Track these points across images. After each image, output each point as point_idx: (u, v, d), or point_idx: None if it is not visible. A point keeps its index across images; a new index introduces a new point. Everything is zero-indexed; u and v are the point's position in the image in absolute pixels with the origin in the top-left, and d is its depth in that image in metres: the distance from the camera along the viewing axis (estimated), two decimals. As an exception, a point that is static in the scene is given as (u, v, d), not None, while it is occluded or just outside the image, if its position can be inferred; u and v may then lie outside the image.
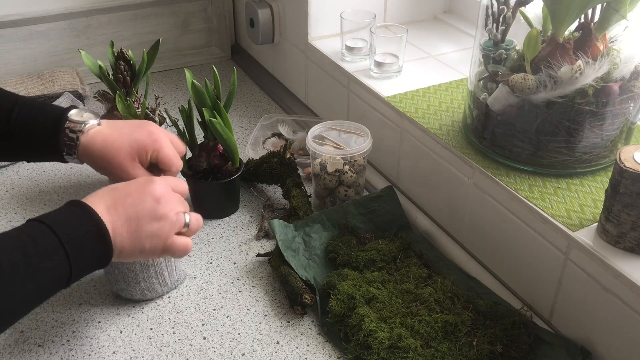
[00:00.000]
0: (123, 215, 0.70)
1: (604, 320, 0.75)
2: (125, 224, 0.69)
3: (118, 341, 0.83)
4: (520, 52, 0.86)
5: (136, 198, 0.71)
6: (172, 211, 0.73)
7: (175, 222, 0.73)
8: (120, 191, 0.71)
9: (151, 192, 0.72)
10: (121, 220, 0.69)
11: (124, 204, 0.70)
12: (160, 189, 0.73)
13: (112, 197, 0.70)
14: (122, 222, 0.69)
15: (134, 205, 0.70)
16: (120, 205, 0.70)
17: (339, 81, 1.21)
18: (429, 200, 1.04)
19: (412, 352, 0.77)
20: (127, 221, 0.70)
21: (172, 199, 0.74)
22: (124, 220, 0.69)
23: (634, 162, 0.71)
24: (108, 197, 0.70)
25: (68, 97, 1.34)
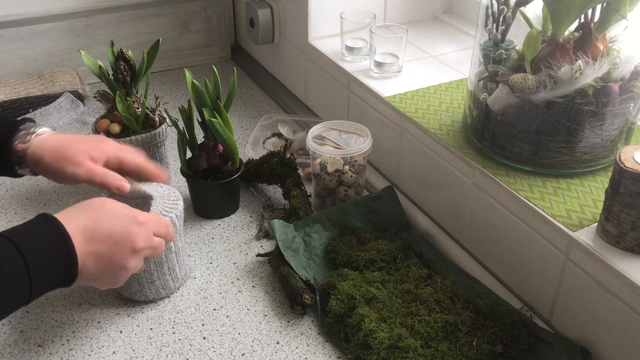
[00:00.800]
0: (99, 254, 0.69)
1: (604, 320, 0.75)
2: (96, 263, 0.70)
3: (118, 341, 0.83)
4: (520, 52, 0.86)
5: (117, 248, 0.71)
6: (142, 259, 0.75)
7: (140, 264, 0.75)
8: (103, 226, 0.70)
9: (132, 245, 0.72)
10: (94, 257, 0.69)
11: (101, 244, 0.70)
12: (144, 240, 0.73)
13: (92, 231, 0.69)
14: (94, 259, 0.69)
15: (111, 253, 0.70)
16: (97, 242, 0.69)
17: (339, 81, 1.21)
18: (429, 200, 1.04)
19: (412, 352, 0.77)
20: (99, 261, 0.70)
21: (148, 248, 0.74)
22: (95, 259, 0.69)
23: (634, 162, 0.71)
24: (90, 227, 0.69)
25: (68, 97, 1.34)
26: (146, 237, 0.74)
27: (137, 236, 0.73)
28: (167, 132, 1.07)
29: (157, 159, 1.07)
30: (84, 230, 0.69)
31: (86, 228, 0.69)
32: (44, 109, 1.31)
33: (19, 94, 1.35)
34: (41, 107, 1.31)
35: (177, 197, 0.87)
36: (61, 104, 1.32)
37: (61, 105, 1.32)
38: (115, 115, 1.04)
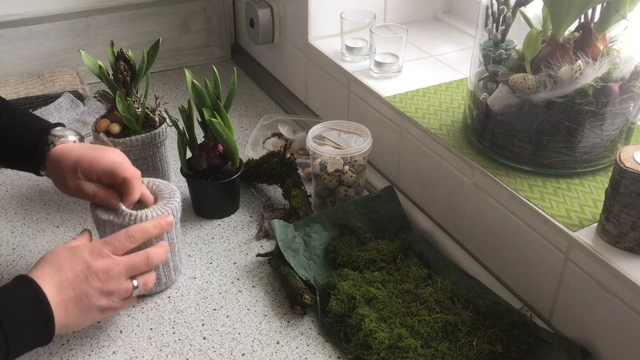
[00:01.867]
0: (74, 297, 0.72)
1: (604, 320, 0.75)
2: (77, 305, 0.73)
3: (118, 341, 0.83)
4: (520, 52, 0.86)
5: (83, 277, 0.73)
6: (120, 283, 0.76)
7: (124, 293, 0.77)
8: (66, 270, 0.73)
9: (96, 270, 0.74)
10: (72, 301, 0.72)
11: (72, 284, 0.72)
12: (105, 264, 0.75)
13: (60, 278, 0.72)
14: (73, 303, 0.72)
15: (82, 285, 0.73)
16: (68, 285, 0.72)
17: (339, 81, 1.21)
18: (429, 200, 1.04)
19: (412, 352, 0.77)
20: (78, 301, 0.73)
21: (118, 271, 0.75)
22: (75, 301, 0.72)
23: (634, 162, 0.71)
24: (56, 278, 0.72)
25: (68, 97, 1.34)
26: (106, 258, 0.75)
27: (98, 263, 0.74)
28: (167, 132, 1.07)
29: (157, 159, 1.07)
30: (54, 282, 0.71)
31: (55, 280, 0.72)
32: (44, 109, 1.31)
33: (19, 94, 1.35)
34: (41, 107, 1.31)
35: (173, 191, 0.88)
36: (61, 104, 1.32)
37: (61, 105, 1.32)
38: (115, 115, 1.04)
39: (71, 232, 1.02)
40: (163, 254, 0.81)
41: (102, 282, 0.74)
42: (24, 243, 0.99)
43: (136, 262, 0.78)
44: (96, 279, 0.74)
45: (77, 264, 0.73)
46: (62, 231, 1.02)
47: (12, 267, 0.95)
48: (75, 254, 0.74)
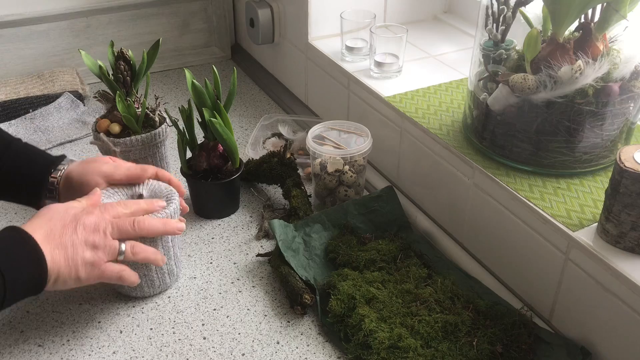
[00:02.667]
0: (60, 243, 0.74)
1: (604, 320, 0.75)
2: (62, 252, 0.74)
3: (118, 341, 0.83)
4: (520, 52, 0.86)
5: (71, 228, 0.75)
6: (106, 240, 0.77)
7: (109, 251, 0.77)
8: (56, 221, 0.75)
9: (84, 222, 0.76)
10: (58, 248, 0.74)
11: (60, 233, 0.75)
12: (94, 219, 0.77)
13: (49, 227, 0.74)
14: (59, 250, 0.74)
15: (69, 234, 0.75)
16: (57, 234, 0.74)
17: (339, 81, 1.21)
18: (429, 200, 1.04)
19: (412, 352, 0.77)
20: (64, 249, 0.74)
21: (104, 226, 0.77)
22: (60, 248, 0.74)
23: (634, 162, 0.71)
24: (45, 227, 0.74)
25: (68, 97, 1.34)
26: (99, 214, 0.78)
27: (88, 216, 0.77)
28: (167, 132, 1.07)
29: (157, 159, 1.07)
30: (43, 231, 0.74)
31: (45, 229, 0.74)
32: (44, 109, 1.31)
33: (19, 94, 1.35)
34: (41, 107, 1.31)
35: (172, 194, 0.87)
36: (61, 104, 1.33)
37: (61, 105, 1.32)
38: (115, 115, 1.04)
39: (71, 232, 1.02)
40: (160, 225, 0.82)
41: (88, 233, 0.76)
42: (24, 243, 0.99)
43: (123, 224, 0.79)
44: (82, 229, 0.76)
45: (67, 216, 0.76)
46: (62, 231, 1.02)
47: (12, 267, 0.95)
48: (68, 208, 0.78)
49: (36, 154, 0.91)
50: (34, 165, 0.89)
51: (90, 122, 1.30)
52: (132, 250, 0.79)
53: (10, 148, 0.89)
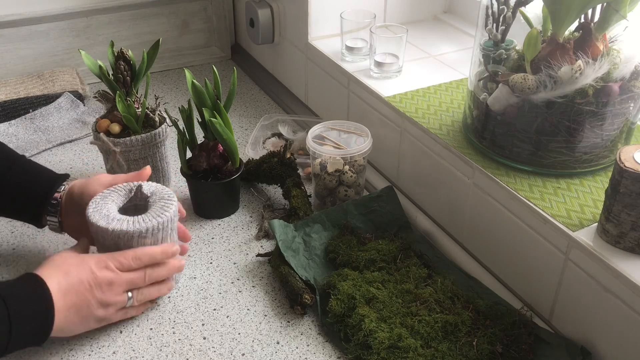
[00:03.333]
0: (75, 303, 0.76)
1: (604, 320, 0.75)
2: (77, 312, 0.77)
3: (118, 341, 0.83)
4: (520, 52, 0.86)
5: (87, 285, 0.77)
6: (118, 296, 0.80)
7: (119, 305, 0.81)
8: (73, 276, 0.76)
9: (100, 282, 0.78)
10: (74, 308, 0.76)
11: (76, 291, 0.76)
12: (109, 277, 0.79)
13: (67, 282, 0.76)
14: (74, 309, 0.76)
15: (84, 293, 0.77)
16: (73, 291, 0.76)
17: (339, 81, 1.21)
18: (429, 200, 1.04)
19: (412, 352, 0.77)
20: (78, 309, 0.77)
21: (119, 285, 0.80)
22: (75, 308, 0.76)
23: (634, 162, 0.71)
24: (63, 282, 0.75)
25: (68, 97, 1.34)
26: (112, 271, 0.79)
27: (104, 274, 0.78)
28: (167, 132, 1.07)
29: (157, 159, 1.07)
30: (61, 287, 0.75)
31: (62, 284, 0.75)
32: (44, 109, 1.31)
33: (19, 94, 1.35)
34: (41, 107, 1.31)
35: (169, 196, 0.87)
36: (61, 104, 1.32)
37: (61, 105, 1.32)
38: (115, 115, 1.04)
39: (71, 232, 1.02)
40: (165, 273, 0.85)
41: (104, 293, 0.78)
42: (24, 243, 0.99)
43: (135, 279, 0.82)
44: (99, 289, 0.78)
45: (84, 271, 0.77)
46: (62, 231, 1.02)
47: (12, 267, 0.95)
48: (83, 262, 0.78)
49: (40, 171, 0.92)
50: (38, 182, 0.90)
51: (90, 122, 1.30)
52: (137, 298, 0.83)
53: (15, 165, 0.90)
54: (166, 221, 0.83)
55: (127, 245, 0.81)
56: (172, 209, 0.85)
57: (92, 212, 0.82)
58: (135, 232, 0.81)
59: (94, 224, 0.81)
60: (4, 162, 0.90)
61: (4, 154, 0.92)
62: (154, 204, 0.85)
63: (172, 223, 0.85)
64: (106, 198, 0.85)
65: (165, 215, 0.83)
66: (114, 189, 0.87)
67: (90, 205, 0.84)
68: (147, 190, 0.87)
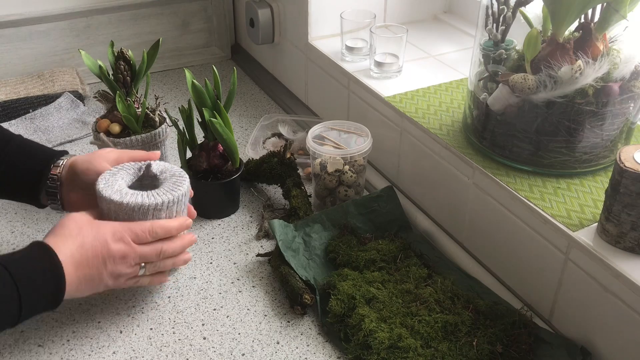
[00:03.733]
0: (88, 275, 0.76)
1: (604, 320, 0.75)
2: (89, 283, 0.77)
3: (118, 341, 0.83)
4: (520, 52, 0.86)
5: (101, 259, 0.77)
6: (130, 268, 0.80)
7: (131, 275, 0.81)
8: (87, 249, 0.76)
9: (113, 254, 0.78)
10: (86, 279, 0.76)
11: (90, 264, 0.76)
12: (123, 250, 0.78)
13: (80, 255, 0.75)
14: (86, 281, 0.76)
15: (97, 266, 0.77)
16: (86, 264, 0.76)
17: (339, 81, 1.21)
18: (429, 200, 1.04)
19: (412, 352, 0.77)
20: (91, 281, 0.77)
21: (132, 258, 0.79)
22: (88, 280, 0.77)
23: (634, 162, 0.71)
24: (77, 254, 0.75)
25: (68, 97, 1.34)
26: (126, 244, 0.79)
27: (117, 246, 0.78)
28: (167, 132, 1.07)
29: (157, 159, 1.07)
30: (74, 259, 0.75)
31: (75, 257, 0.75)
32: (44, 109, 1.31)
33: (19, 94, 1.35)
34: (41, 107, 1.31)
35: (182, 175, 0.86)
36: (61, 104, 1.32)
37: (61, 105, 1.32)
38: (115, 115, 1.04)
39: (71, 232, 1.02)
40: (179, 248, 0.84)
41: (116, 265, 0.78)
42: (24, 243, 0.99)
43: (149, 254, 0.81)
44: (112, 262, 0.77)
45: (98, 243, 0.77)
46: (62, 231, 1.02)
47: (12, 267, 0.95)
48: (99, 232, 0.77)
49: (36, 148, 0.90)
50: (34, 160, 0.88)
51: (90, 122, 1.30)
52: (150, 270, 0.84)
53: (10, 144, 0.88)
54: (181, 195, 0.83)
55: (142, 220, 0.81)
56: (186, 185, 0.85)
57: (104, 188, 0.81)
58: (151, 205, 0.80)
59: (107, 199, 0.80)
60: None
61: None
62: (166, 181, 0.85)
63: (185, 198, 0.85)
64: (115, 175, 0.84)
65: (179, 189, 0.83)
66: (123, 167, 0.86)
67: (100, 181, 0.83)
68: (156, 169, 0.87)
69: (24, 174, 0.88)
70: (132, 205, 0.79)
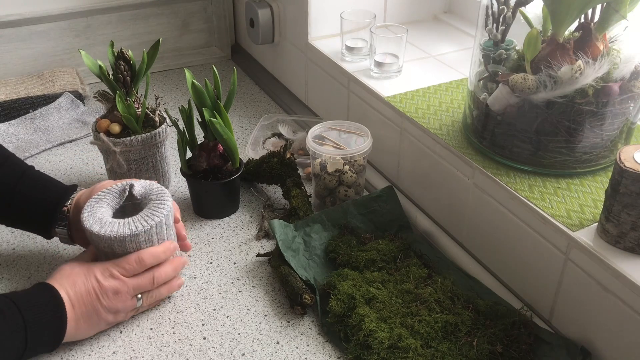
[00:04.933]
0: (85, 312, 0.78)
1: (604, 320, 0.75)
2: (87, 321, 0.79)
3: (118, 341, 0.83)
4: (520, 52, 0.86)
5: (94, 295, 0.79)
6: (126, 302, 0.82)
7: (129, 310, 0.83)
8: (80, 286, 0.79)
9: (106, 290, 0.80)
10: (83, 317, 0.78)
11: (85, 301, 0.78)
12: (115, 285, 0.80)
13: (75, 292, 0.78)
14: (84, 319, 0.79)
15: (92, 302, 0.79)
16: (82, 302, 0.78)
17: (339, 81, 1.21)
18: (429, 200, 1.04)
19: (412, 352, 0.77)
20: (89, 318, 0.79)
21: (125, 291, 0.81)
22: (86, 317, 0.79)
23: (634, 162, 0.71)
24: (71, 292, 0.78)
25: (68, 97, 1.34)
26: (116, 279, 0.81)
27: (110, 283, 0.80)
28: (167, 132, 1.07)
29: (157, 159, 1.07)
30: (70, 297, 0.78)
31: (71, 294, 0.78)
32: (44, 109, 1.31)
33: (19, 94, 1.35)
34: (41, 107, 1.31)
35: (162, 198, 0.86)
36: (61, 104, 1.33)
37: (61, 105, 1.32)
38: (115, 115, 1.04)
39: (71, 232, 1.02)
40: (171, 271, 0.86)
41: (111, 300, 0.80)
42: (24, 243, 0.99)
43: (143, 284, 0.83)
44: (106, 297, 0.80)
45: (90, 281, 0.79)
46: (62, 231, 1.02)
47: (12, 267, 0.95)
48: (89, 271, 0.80)
49: (50, 183, 0.92)
50: (47, 195, 0.90)
51: (90, 122, 1.30)
52: (148, 302, 0.85)
53: (24, 176, 0.90)
54: (158, 222, 0.83)
55: (122, 248, 0.81)
56: (166, 209, 0.84)
57: (87, 217, 0.82)
58: (126, 235, 0.80)
59: (87, 229, 0.81)
60: (13, 172, 0.90)
61: (13, 164, 0.92)
62: (147, 205, 0.85)
63: (167, 220, 0.84)
64: (101, 201, 0.85)
65: (158, 215, 0.83)
66: (108, 191, 0.86)
67: (85, 209, 0.83)
68: (138, 191, 0.86)
69: (36, 210, 0.90)
70: (107, 236, 0.80)
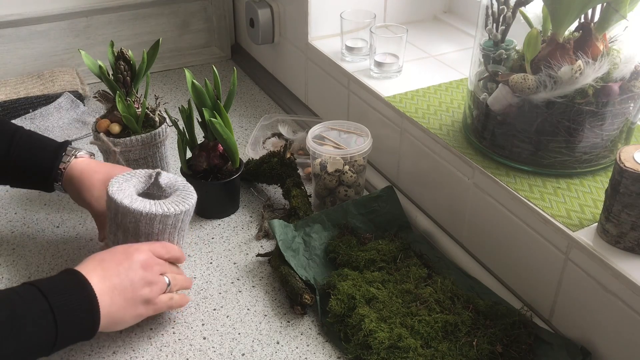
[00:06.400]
0: (118, 284, 0.75)
1: (604, 320, 0.75)
2: (122, 293, 0.75)
3: (118, 341, 0.83)
4: (520, 52, 0.86)
5: (126, 265, 0.77)
6: (157, 276, 0.80)
7: (161, 286, 0.80)
8: (109, 262, 0.77)
9: (137, 260, 0.78)
10: (117, 289, 0.75)
11: (116, 272, 0.76)
12: (145, 256, 0.79)
13: (103, 268, 0.76)
14: (118, 291, 0.75)
15: (125, 272, 0.76)
16: (113, 274, 0.75)
17: (339, 81, 1.21)
18: (429, 200, 1.04)
19: (412, 352, 0.77)
20: (123, 290, 0.76)
21: (155, 264, 0.80)
22: (120, 290, 0.75)
23: (634, 162, 0.71)
24: (99, 269, 0.75)
25: (68, 97, 1.34)
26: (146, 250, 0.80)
27: (139, 253, 0.79)
28: (167, 132, 1.07)
29: (157, 159, 1.07)
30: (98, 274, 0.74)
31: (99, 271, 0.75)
32: (44, 109, 1.31)
33: (19, 94, 1.35)
34: (41, 107, 1.31)
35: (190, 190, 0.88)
36: (61, 104, 1.33)
37: (61, 105, 1.32)
38: (115, 115, 1.04)
39: (71, 232, 1.02)
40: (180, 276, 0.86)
41: (144, 270, 0.78)
42: (24, 243, 0.99)
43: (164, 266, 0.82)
44: (138, 267, 0.78)
45: (118, 255, 0.78)
46: (62, 231, 1.02)
47: (12, 267, 0.95)
48: (115, 249, 0.79)
49: (42, 142, 0.94)
50: (42, 156, 0.92)
51: (90, 122, 1.30)
52: (174, 282, 0.83)
53: (15, 137, 0.91)
54: (187, 210, 0.84)
55: (148, 227, 0.82)
56: (194, 199, 0.86)
57: (116, 191, 0.82)
58: (158, 214, 0.81)
59: (116, 202, 0.81)
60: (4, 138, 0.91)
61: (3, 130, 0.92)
62: (173, 194, 0.87)
63: (188, 216, 0.86)
64: (128, 181, 0.86)
65: (187, 203, 0.85)
66: (134, 174, 0.88)
67: (112, 184, 0.84)
68: (164, 181, 0.88)
69: (32, 172, 0.91)
70: (139, 210, 0.80)
